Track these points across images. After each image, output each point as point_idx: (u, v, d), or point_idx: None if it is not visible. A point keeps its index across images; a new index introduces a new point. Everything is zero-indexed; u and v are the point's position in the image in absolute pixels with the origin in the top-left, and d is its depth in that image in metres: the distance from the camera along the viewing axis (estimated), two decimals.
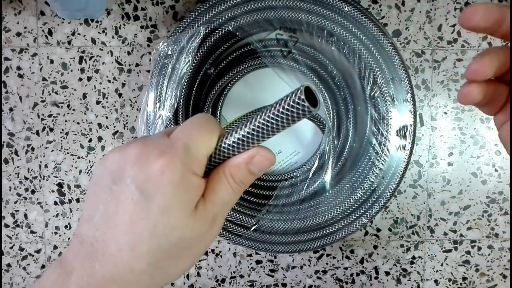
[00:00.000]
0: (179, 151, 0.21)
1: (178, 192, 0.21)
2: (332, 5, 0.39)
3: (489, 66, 0.20)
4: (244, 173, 0.23)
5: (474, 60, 0.20)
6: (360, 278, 0.47)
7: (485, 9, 0.19)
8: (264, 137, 0.22)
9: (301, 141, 0.45)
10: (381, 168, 0.40)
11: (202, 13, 0.40)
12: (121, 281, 0.21)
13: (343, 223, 0.41)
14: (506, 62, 0.20)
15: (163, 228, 0.21)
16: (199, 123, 0.22)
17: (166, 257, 0.21)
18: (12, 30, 0.45)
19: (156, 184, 0.20)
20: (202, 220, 0.22)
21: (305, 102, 0.20)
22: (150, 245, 0.21)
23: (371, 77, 0.40)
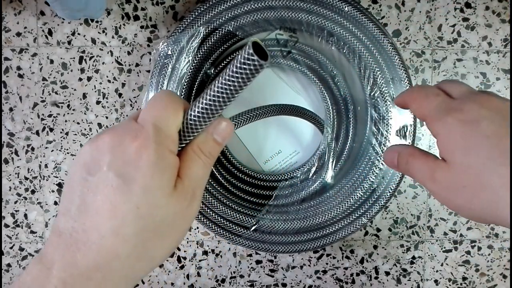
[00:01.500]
0: (150, 131, 0.21)
1: (157, 172, 0.21)
2: (332, 5, 0.39)
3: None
4: (211, 145, 0.24)
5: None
6: (360, 278, 0.47)
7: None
8: (225, 101, 0.22)
9: (301, 141, 0.45)
10: (381, 168, 0.40)
11: (202, 13, 0.40)
12: (106, 268, 0.21)
13: (343, 223, 0.41)
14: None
15: (147, 209, 0.21)
16: (162, 101, 0.23)
17: (151, 237, 0.22)
18: (12, 30, 0.45)
19: (134, 167, 0.21)
20: (182, 197, 0.22)
21: (254, 55, 0.20)
22: (135, 227, 0.21)
23: (371, 77, 0.40)
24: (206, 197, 0.41)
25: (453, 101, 0.23)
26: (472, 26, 0.45)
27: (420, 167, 0.24)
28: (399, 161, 0.25)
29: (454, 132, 0.22)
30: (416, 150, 0.25)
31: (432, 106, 0.23)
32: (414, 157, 0.24)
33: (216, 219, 0.42)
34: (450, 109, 0.23)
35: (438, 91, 0.24)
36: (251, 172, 0.44)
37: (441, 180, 0.22)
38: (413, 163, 0.24)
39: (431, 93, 0.24)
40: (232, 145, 0.44)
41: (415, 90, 0.25)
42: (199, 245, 0.46)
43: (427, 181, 0.23)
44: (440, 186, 0.23)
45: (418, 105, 0.25)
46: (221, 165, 0.43)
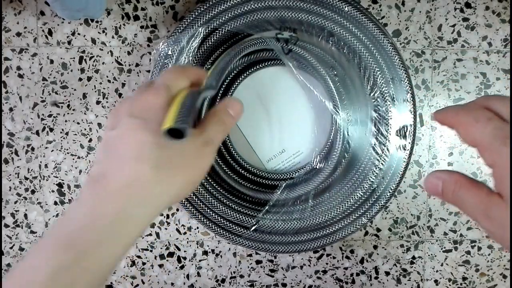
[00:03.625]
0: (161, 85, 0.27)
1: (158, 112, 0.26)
2: (332, 5, 0.39)
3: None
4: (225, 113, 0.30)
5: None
6: (360, 278, 0.47)
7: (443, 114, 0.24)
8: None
9: (305, 141, 0.45)
10: (381, 168, 0.40)
11: (202, 13, 0.40)
12: (128, 189, 0.24)
13: (343, 223, 0.41)
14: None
15: (164, 141, 0.25)
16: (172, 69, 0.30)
17: (167, 163, 0.25)
18: (12, 30, 0.45)
19: (150, 110, 0.25)
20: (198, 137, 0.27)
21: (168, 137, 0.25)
22: (153, 152, 0.25)
23: (371, 77, 0.40)
24: (206, 197, 0.41)
25: (508, 127, 0.21)
26: (472, 26, 0.45)
27: (471, 200, 0.22)
28: (445, 191, 0.23)
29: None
30: (464, 178, 0.22)
31: (485, 133, 0.21)
32: (463, 187, 0.22)
33: (216, 219, 0.42)
34: (506, 137, 0.20)
35: (489, 114, 0.22)
36: (253, 169, 0.44)
37: (497, 218, 0.20)
38: (462, 194, 0.22)
39: (481, 117, 0.21)
40: (235, 141, 0.44)
41: (461, 112, 0.22)
42: (199, 245, 0.46)
43: (480, 218, 0.21)
44: (496, 224, 0.21)
45: (467, 131, 0.22)
46: (224, 160, 0.43)
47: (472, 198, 0.22)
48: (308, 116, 0.44)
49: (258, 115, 0.44)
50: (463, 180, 0.22)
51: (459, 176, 0.22)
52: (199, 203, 0.42)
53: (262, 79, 0.44)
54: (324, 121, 0.44)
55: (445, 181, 0.23)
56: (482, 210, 0.21)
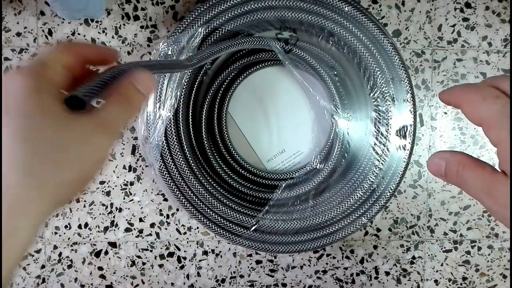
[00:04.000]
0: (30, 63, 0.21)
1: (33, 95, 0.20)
2: (332, 5, 0.39)
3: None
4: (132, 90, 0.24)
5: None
6: (360, 278, 0.47)
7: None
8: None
9: (305, 142, 0.45)
10: (381, 168, 0.40)
11: (202, 13, 0.40)
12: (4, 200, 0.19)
13: (343, 223, 0.41)
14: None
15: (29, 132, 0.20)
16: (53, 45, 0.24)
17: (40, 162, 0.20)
18: (12, 30, 0.45)
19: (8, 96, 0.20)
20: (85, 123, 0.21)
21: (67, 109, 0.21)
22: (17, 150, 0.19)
23: (371, 77, 0.40)
24: (206, 197, 0.41)
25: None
26: (472, 26, 0.45)
27: (474, 179, 0.21)
28: (448, 171, 0.22)
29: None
30: (468, 158, 0.22)
31: (492, 110, 0.20)
32: (466, 167, 0.22)
33: (216, 219, 0.42)
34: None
35: (496, 91, 0.21)
36: (253, 169, 0.44)
37: (501, 196, 0.20)
38: (465, 174, 0.22)
39: (489, 95, 0.21)
40: (235, 141, 0.44)
41: (469, 90, 0.22)
42: (199, 245, 0.46)
43: (483, 197, 0.21)
44: (499, 203, 0.20)
45: (473, 109, 0.21)
46: (224, 160, 0.43)
47: (475, 178, 0.21)
48: (308, 116, 0.44)
49: (258, 115, 0.44)
50: (466, 160, 0.22)
51: (463, 156, 0.22)
52: (199, 203, 0.42)
53: (262, 79, 0.44)
54: (324, 121, 0.44)
55: (449, 162, 0.22)
56: (485, 189, 0.21)
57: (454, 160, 0.22)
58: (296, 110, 0.44)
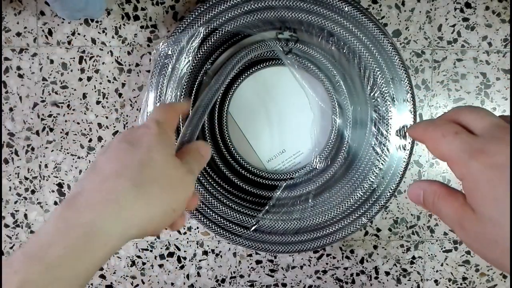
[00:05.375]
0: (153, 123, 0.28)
1: (159, 140, 0.27)
2: (332, 5, 0.39)
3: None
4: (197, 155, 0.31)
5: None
6: (360, 278, 0.47)
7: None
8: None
9: (305, 142, 0.45)
10: (381, 168, 0.40)
11: (202, 13, 0.40)
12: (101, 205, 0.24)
13: (343, 223, 0.41)
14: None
15: (147, 160, 0.25)
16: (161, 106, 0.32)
17: (149, 183, 0.25)
18: (12, 30, 0.45)
19: (141, 137, 0.26)
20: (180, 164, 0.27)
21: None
22: (136, 171, 0.25)
23: (371, 77, 0.40)
24: (206, 197, 0.41)
25: (476, 140, 0.20)
26: (472, 26, 0.45)
27: (448, 210, 0.22)
28: (425, 200, 0.23)
29: (480, 179, 0.19)
30: (442, 188, 0.22)
31: (452, 147, 0.21)
32: (440, 198, 0.22)
33: (216, 219, 0.42)
34: (473, 151, 0.20)
35: (456, 127, 0.22)
36: (253, 169, 0.44)
37: (469, 230, 0.20)
38: (439, 204, 0.22)
39: (449, 132, 0.21)
40: (236, 141, 0.44)
41: (429, 127, 0.23)
42: (199, 245, 0.46)
43: (456, 228, 0.21)
44: (469, 236, 0.21)
45: (435, 146, 0.22)
46: (224, 160, 0.43)
47: (448, 209, 0.22)
48: (308, 116, 0.44)
49: (259, 115, 0.44)
50: (441, 190, 0.22)
51: (438, 186, 0.23)
52: (199, 203, 0.42)
53: (262, 79, 0.44)
54: (324, 121, 0.44)
55: (425, 191, 0.23)
56: (456, 220, 0.21)
57: (430, 190, 0.23)
58: (296, 110, 0.44)
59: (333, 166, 0.42)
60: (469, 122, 0.22)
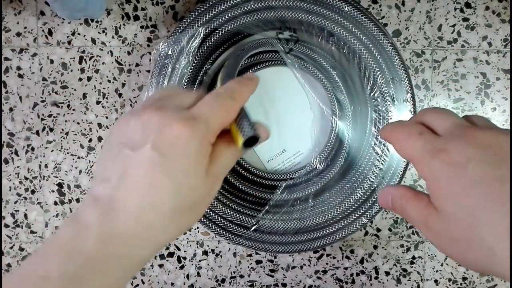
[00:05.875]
0: (202, 125, 0.23)
1: (198, 158, 0.23)
2: (332, 5, 0.39)
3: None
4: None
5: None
6: (360, 278, 0.47)
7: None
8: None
9: (305, 142, 0.45)
10: (381, 168, 0.40)
11: (202, 13, 0.40)
12: (140, 237, 0.23)
13: (343, 223, 0.41)
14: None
15: (186, 189, 0.23)
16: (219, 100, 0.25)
17: (184, 212, 0.24)
18: (12, 30, 0.45)
19: (177, 149, 0.23)
20: (211, 180, 0.25)
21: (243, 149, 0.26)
22: (173, 204, 0.23)
23: (371, 77, 0.40)
24: None
25: (438, 140, 0.21)
26: (472, 26, 0.45)
27: (414, 211, 0.22)
28: (394, 204, 0.24)
29: (441, 177, 0.20)
30: (407, 191, 0.23)
31: (416, 147, 0.22)
32: (406, 200, 0.23)
33: (216, 219, 0.42)
34: (435, 151, 0.21)
35: (421, 128, 0.22)
36: (253, 169, 0.44)
37: (434, 228, 0.21)
38: (406, 207, 0.23)
39: (413, 132, 0.22)
40: None
41: (396, 128, 0.24)
42: (199, 245, 0.46)
43: (422, 227, 0.22)
44: (434, 234, 0.21)
45: (400, 146, 0.23)
46: None
47: (414, 210, 0.22)
48: (308, 116, 0.44)
49: (258, 115, 0.44)
50: (407, 194, 0.23)
51: (404, 190, 0.23)
52: None
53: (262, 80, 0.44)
54: (324, 121, 0.44)
55: (393, 196, 0.24)
56: (421, 221, 0.22)
57: (398, 194, 0.24)
58: (296, 110, 0.44)
59: (333, 166, 0.42)
60: (433, 122, 0.23)
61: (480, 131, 0.21)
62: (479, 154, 0.20)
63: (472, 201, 0.19)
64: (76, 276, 0.21)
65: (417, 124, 0.23)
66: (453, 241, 0.20)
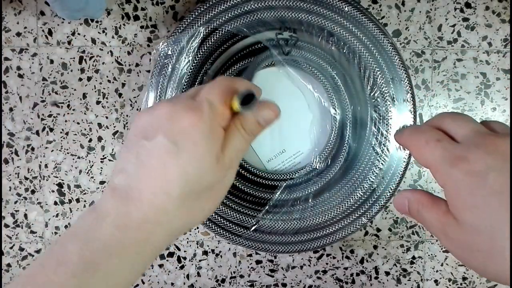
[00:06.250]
0: (206, 108, 0.24)
1: (207, 142, 0.24)
2: (332, 5, 0.39)
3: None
4: (254, 125, 0.27)
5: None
6: (360, 278, 0.47)
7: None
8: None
9: (305, 142, 0.45)
10: (381, 168, 0.40)
11: (202, 13, 0.40)
12: (154, 221, 0.24)
13: (343, 223, 0.41)
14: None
15: (194, 174, 0.24)
16: (220, 84, 0.26)
17: (195, 198, 0.24)
18: (12, 30, 0.45)
19: (187, 136, 0.23)
20: (222, 166, 0.25)
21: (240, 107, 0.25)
22: (183, 189, 0.24)
23: (371, 77, 0.40)
24: None
25: (457, 147, 0.21)
26: (472, 26, 0.45)
27: (431, 219, 0.22)
28: (410, 209, 0.23)
29: (461, 187, 0.20)
30: (425, 197, 0.23)
31: (435, 154, 0.21)
32: (424, 206, 0.22)
33: (216, 219, 0.42)
34: (454, 159, 0.20)
35: (439, 134, 0.22)
36: (253, 169, 0.44)
37: (453, 238, 0.21)
38: (423, 213, 0.22)
39: (431, 139, 0.22)
40: None
41: (413, 134, 0.23)
42: (199, 245, 0.46)
43: (441, 237, 0.22)
44: (453, 244, 0.21)
45: (418, 153, 0.23)
46: None
47: (431, 217, 0.22)
48: (308, 116, 0.44)
49: None
50: (424, 199, 0.23)
51: (421, 195, 0.23)
52: None
53: (262, 80, 0.44)
54: (324, 121, 0.44)
55: (410, 201, 0.23)
56: (440, 229, 0.21)
57: (414, 198, 0.23)
58: (296, 110, 0.44)
59: (333, 166, 0.42)
60: (451, 129, 0.22)
61: (500, 139, 0.20)
62: (499, 163, 0.19)
63: (493, 211, 0.19)
64: (92, 261, 0.22)
65: (435, 130, 0.23)
66: (474, 252, 0.20)
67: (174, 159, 0.23)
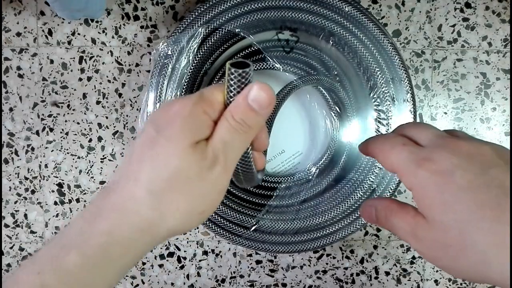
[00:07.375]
0: (194, 95, 0.23)
1: (183, 126, 0.22)
2: (332, 5, 0.39)
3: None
4: (243, 110, 0.23)
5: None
6: (360, 278, 0.47)
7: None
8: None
9: (304, 142, 0.45)
10: (381, 168, 0.40)
11: (202, 13, 0.40)
12: (121, 209, 0.22)
13: (343, 223, 0.41)
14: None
15: (162, 158, 0.22)
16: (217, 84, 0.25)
17: (166, 187, 0.22)
18: (12, 30, 0.45)
19: (168, 122, 0.22)
20: (202, 156, 0.22)
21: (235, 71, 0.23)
22: (150, 173, 0.22)
23: (371, 77, 0.40)
24: None
25: (422, 150, 0.21)
26: (472, 26, 0.45)
27: (399, 224, 0.22)
28: (378, 217, 0.23)
29: (428, 186, 0.20)
30: (392, 203, 0.23)
31: (401, 158, 0.22)
32: (392, 212, 0.23)
33: (216, 219, 0.42)
34: (420, 160, 0.21)
35: (403, 139, 0.23)
36: None
37: (423, 238, 0.21)
38: (392, 219, 0.22)
39: (396, 143, 0.22)
40: None
41: (378, 140, 0.24)
42: (199, 245, 0.46)
43: (410, 239, 0.22)
44: (423, 244, 0.21)
45: (384, 158, 0.23)
46: None
47: (400, 221, 0.22)
48: (308, 117, 0.44)
49: None
50: (392, 205, 0.23)
51: (389, 202, 0.23)
52: None
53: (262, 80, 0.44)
54: (324, 121, 0.44)
55: (377, 208, 0.23)
56: (409, 232, 0.21)
57: (381, 206, 0.23)
58: (295, 111, 0.44)
59: (332, 167, 0.42)
60: (414, 135, 0.23)
61: (462, 141, 0.21)
62: (464, 162, 0.20)
63: (461, 207, 0.19)
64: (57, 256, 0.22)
65: (399, 136, 0.23)
66: (445, 248, 0.20)
67: (151, 142, 0.22)
